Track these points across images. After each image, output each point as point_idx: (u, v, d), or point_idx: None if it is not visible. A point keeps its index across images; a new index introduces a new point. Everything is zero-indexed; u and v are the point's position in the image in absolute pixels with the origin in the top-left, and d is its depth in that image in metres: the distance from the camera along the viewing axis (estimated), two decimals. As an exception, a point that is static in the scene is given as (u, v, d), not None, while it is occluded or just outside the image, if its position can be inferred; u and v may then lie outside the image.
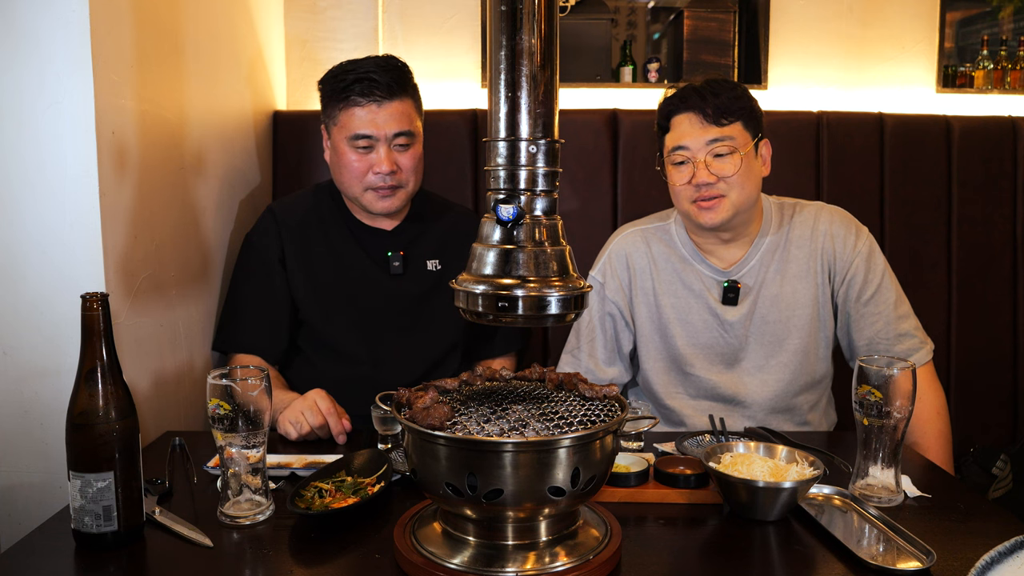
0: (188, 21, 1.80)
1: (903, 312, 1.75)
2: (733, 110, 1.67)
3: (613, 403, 1.10)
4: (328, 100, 1.81)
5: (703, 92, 1.68)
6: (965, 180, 2.42)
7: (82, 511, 1.09)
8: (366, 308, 1.86)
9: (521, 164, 0.99)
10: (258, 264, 1.87)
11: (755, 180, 1.71)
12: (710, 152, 1.67)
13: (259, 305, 1.85)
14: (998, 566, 0.91)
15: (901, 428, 1.27)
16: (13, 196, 1.42)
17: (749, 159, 1.68)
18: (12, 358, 1.45)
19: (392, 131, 1.77)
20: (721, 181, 1.66)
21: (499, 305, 0.98)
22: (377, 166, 1.77)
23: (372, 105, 1.75)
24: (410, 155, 1.81)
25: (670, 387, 1.83)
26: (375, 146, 1.77)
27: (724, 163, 1.66)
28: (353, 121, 1.76)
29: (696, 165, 1.68)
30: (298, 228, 1.88)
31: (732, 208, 1.68)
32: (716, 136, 1.66)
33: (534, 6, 0.96)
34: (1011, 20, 2.77)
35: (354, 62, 1.78)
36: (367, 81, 1.75)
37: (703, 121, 1.67)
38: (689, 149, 1.68)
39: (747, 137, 1.68)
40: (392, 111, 1.77)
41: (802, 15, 2.64)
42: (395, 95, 1.77)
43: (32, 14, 1.37)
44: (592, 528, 1.11)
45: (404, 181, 1.81)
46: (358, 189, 1.81)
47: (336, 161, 1.82)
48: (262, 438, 1.19)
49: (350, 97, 1.76)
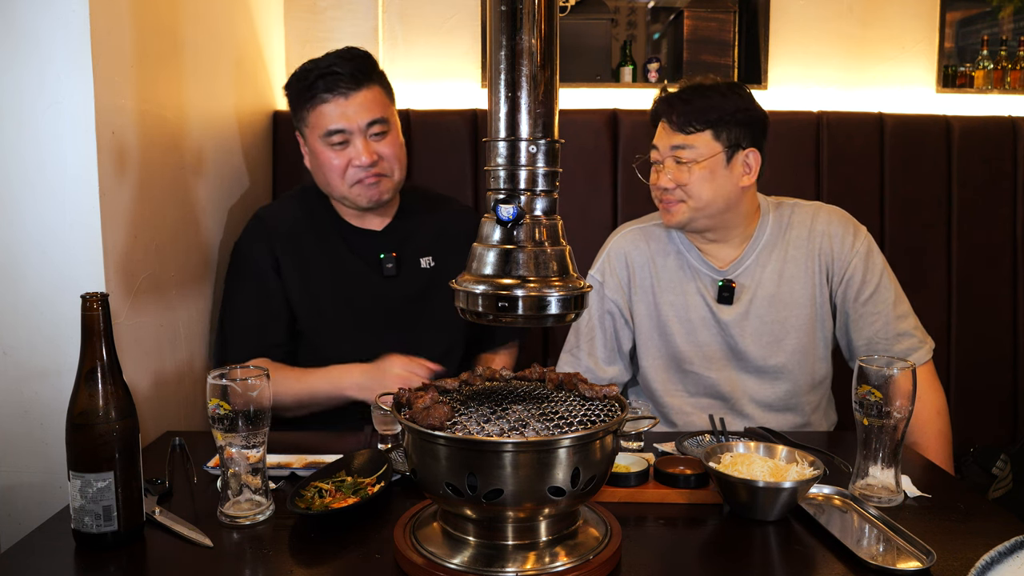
0: (188, 21, 1.80)
1: (902, 311, 1.75)
2: (700, 120, 1.68)
3: (613, 403, 1.10)
4: (296, 104, 1.78)
5: (672, 100, 1.73)
6: (965, 180, 2.42)
7: (82, 511, 1.09)
8: (362, 312, 1.83)
9: (521, 164, 0.99)
10: (252, 271, 1.82)
11: (720, 189, 1.70)
12: (672, 157, 1.71)
13: (260, 311, 1.80)
14: (998, 566, 0.91)
15: (901, 428, 1.27)
16: (13, 196, 1.42)
17: (713, 169, 1.68)
18: (12, 358, 1.45)
19: (364, 120, 1.72)
20: (678, 188, 1.70)
21: (499, 305, 0.98)
22: (356, 159, 1.73)
23: (339, 98, 1.71)
24: (389, 143, 1.77)
25: (669, 385, 1.83)
26: (350, 139, 1.73)
27: (681, 171, 1.70)
28: (323, 118, 1.72)
29: (659, 169, 1.74)
30: (289, 235, 1.83)
31: (688, 212, 1.72)
32: (679, 143, 1.70)
33: (534, 6, 0.96)
34: (1011, 20, 2.77)
35: (314, 61, 1.75)
36: (330, 75, 1.71)
37: (669, 128, 1.72)
38: (658, 151, 1.74)
39: (714, 147, 1.68)
40: (361, 100, 1.72)
41: (802, 15, 2.64)
42: (361, 84, 1.73)
43: (32, 14, 1.37)
44: (592, 528, 1.11)
45: (387, 170, 1.77)
46: (343, 187, 1.77)
47: (315, 163, 1.79)
48: (262, 438, 1.19)
49: (316, 95, 1.72)
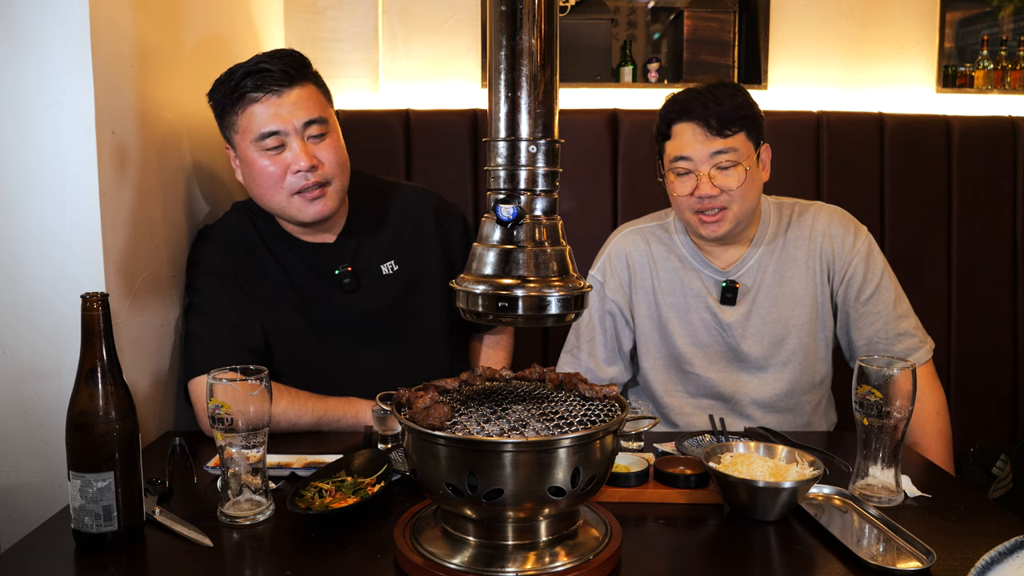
0: (188, 21, 1.80)
1: (902, 311, 1.75)
2: (736, 120, 1.62)
3: (613, 403, 1.10)
4: (222, 109, 1.60)
5: (706, 101, 1.62)
6: (965, 180, 2.42)
7: (82, 511, 1.09)
8: (330, 334, 1.69)
9: (521, 164, 0.99)
10: (217, 283, 1.65)
11: (757, 189, 1.70)
12: (713, 164, 1.63)
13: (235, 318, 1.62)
14: (998, 566, 0.91)
15: (901, 428, 1.27)
16: (13, 196, 1.42)
17: (753, 170, 1.65)
18: (12, 358, 1.45)
19: (300, 120, 1.56)
20: (724, 194, 1.63)
21: (499, 305, 0.98)
22: (294, 164, 1.56)
23: (271, 97, 1.55)
24: (328, 146, 1.60)
25: (669, 386, 1.83)
26: (286, 142, 1.56)
27: (728, 176, 1.63)
28: (254, 120, 1.56)
29: (699, 177, 1.64)
30: (244, 257, 1.68)
31: (734, 220, 1.67)
32: (720, 148, 1.62)
33: (534, 6, 0.96)
34: (1011, 20, 2.78)
35: (240, 63, 1.59)
36: (258, 73, 1.55)
37: (706, 132, 1.62)
38: (692, 160, 1.64)
39: (750, 147, 1.65)
40: (295, 99, 1.56)
41: (802, 15, 2.64)
42: (294, 82, 1.57)
43: (32, 14, 1.37)
44: (592, 528, 1.11)
45: (329, 176, 1.60)
46: (282, 198, 1.59)
47: (249, 174, 1.61)
48: (262, 438, 1.19)
49: (245, 95, 1.55)
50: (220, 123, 1.64)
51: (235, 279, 1.66)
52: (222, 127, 1.64)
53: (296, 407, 1.58)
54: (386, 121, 2.40)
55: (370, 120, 2.41)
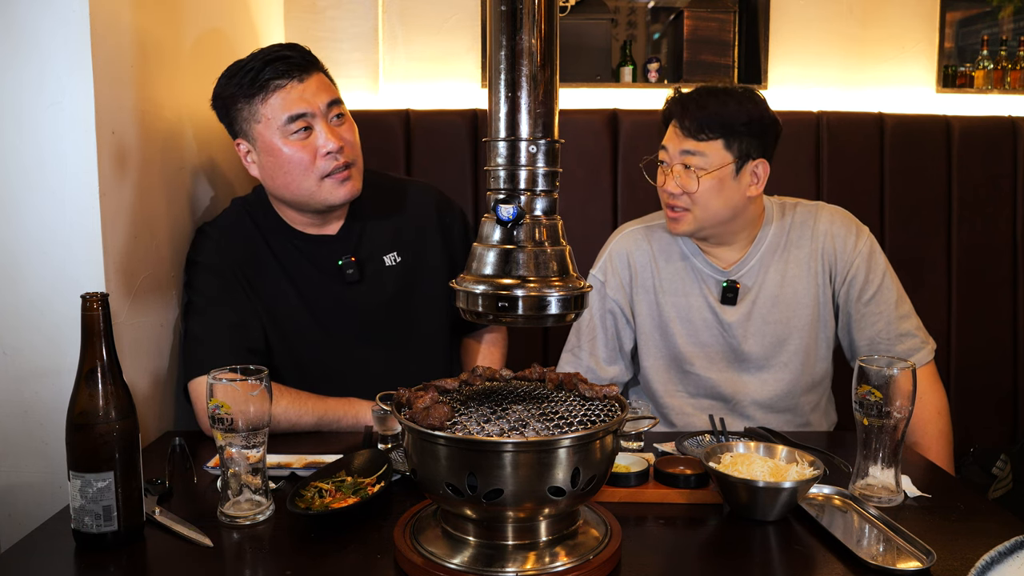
0: (188, 21, 1.80)
1: (904, 312, 1.75)
2: (713, 128, 1.64)
3: (613, 403, 1.10)
4: (237, 103, 1.60)
5: (687, 103, 1.67)
6: (965, 180, 2.42)
7: (82, 511, 1.09)
8: (331, 328, 1.69)
9: (521, 164, 0.99)
10: (216, 281, 1.65)
11: (727, 200, 1.67)
12: (681, 162, 1.68)
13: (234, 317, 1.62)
14: (998, 566, 0.91)
15: (901, 428, 1.27)
16: (13, 196, 1.42)
17: (722, 179, 1.66)
18: (12, 358, 1.45)
19: (324, 102, 1.59)
20: (685, 195, 1.67)
21: (499, 305, 0.98)
22: (324, 145, 1.58)
23: (294, 82, 1.57)
24: (349, 128, 1.64)
25: (670, 385, 1.83)
26: (313, 124, 1.58)
27: (689, 178, 1.66)
28: (280, 105, 1.57)
29: (667, 172, 1.70)
30: (244, 254, 1.67)
31: (695, 223, 1.69)
32: (689, 149, 1.66)
33: (534, 6, 0.96)
34: (1011, 20, 2.78)
35: (243, 58, 1.61)
36: (278, 60, 1.57)
37: (680, 132, 1.68)
38: (667, 152, 1.70)
39: (725, 157, 1.65)
40: (316, 83, 1.60)
41: (802, 15, 2.64)
42: (310, 70, 1.60)
43: (32, 14, 1.37)
44: (592, 528, 1.11)
45: (353, 158, 1.64)
46: (311, 183, 1.60)
47: (274, 164, 1.60)
48: (262, 438, 1.19)
49: (269, 81, 1.56)
50: (234, 117, 1.62)
51: (234, 277, 1.66)
52: (237, 120, 1.62)
53: (296, 407, 1.58)
54: (386, 121, 2.40)
55: (370, 120, 2.40)
